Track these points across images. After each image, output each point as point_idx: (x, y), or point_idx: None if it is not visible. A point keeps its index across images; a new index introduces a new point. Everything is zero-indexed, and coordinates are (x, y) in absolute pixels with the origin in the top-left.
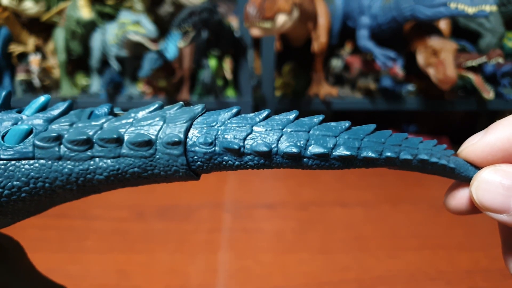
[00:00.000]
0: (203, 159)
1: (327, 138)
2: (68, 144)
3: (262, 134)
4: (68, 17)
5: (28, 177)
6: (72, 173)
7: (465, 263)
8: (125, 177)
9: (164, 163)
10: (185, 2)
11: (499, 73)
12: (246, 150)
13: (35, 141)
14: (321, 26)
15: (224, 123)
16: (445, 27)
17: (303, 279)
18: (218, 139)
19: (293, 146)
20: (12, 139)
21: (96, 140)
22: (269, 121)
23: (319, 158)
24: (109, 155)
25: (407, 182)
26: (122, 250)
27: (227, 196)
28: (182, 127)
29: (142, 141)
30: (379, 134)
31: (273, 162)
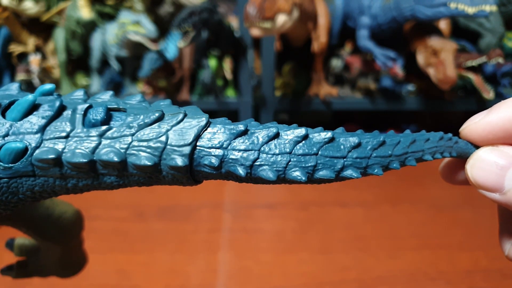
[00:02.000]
0: (207, 177)
1: (335, 160)
2: (69, 165)
3: (269, 159)
4: (68, 17)
5: (33, 191)
6: (77, 187)
7: (465, 263)
8: (132, 186)
9: (170, 180)
10: (185, 2)
11: (499, 73)
12: (252, 176)
13: (33, 161)
14: (321, 26)
15: (230, 143)
16: (445, 27)
17: (303, 279)
18: (224, 163)
19: (301, 174)
20: (7, 158)
21: (98, 160)
22: (277, 142)
23: (325, 181)
24: (113, 173)
25: (407, 182)
26: (122, 250)
27: (227, 196)
28: (187, 149)
29: (146, 165)
30: (387, 147)
31: (279, 183)
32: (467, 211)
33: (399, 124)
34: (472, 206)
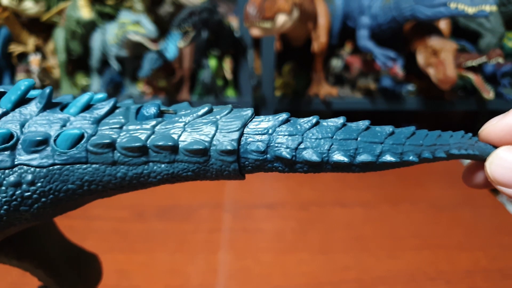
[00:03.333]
0: (254, 165)
1: (374, 145)
2: (122, 150)
3: (313, 143)
4: (68, 17)
5: (82, 180)
6: (126, 176)
7: (465, 263)
8: (178, 179)
9: (217, 168)
10: (185, 2)
11: (499, 73)
12: (297, 159)
13: (88, 146)
14: (321, 26)
15: (275, 130)
16: (445, 27)
17: (303, 279)
18: (270, 147)
19: (344, 156)
20: (64, 144)
21: (151, 146)
22: (319, 129)
23: (366, 166)
24: (164, 160)
25: (407, 182)
26: (122, 250)
27: (227, 196)
28: (235, 135)
29: (197, 149)
30: (417, 137)
31: (322, 170)
32: (467, 211)
33: (399, 124)
34: (472, 206)
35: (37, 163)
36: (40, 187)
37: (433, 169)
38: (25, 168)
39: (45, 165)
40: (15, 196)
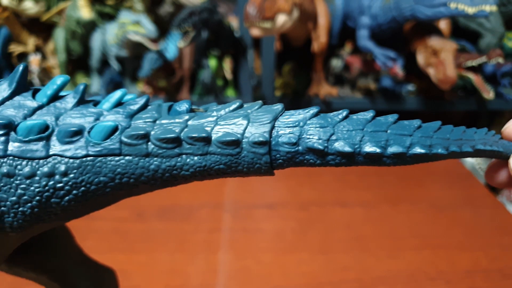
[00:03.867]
0: (285, 158)
1: (404, 137)
2: (157, 141)
3: (344, 135)
4: (68, 17)
5: (115, 173)
6: (159, 169)
7: (465, 263)
8: (210, 173)
9: (249, 160)
10: (185, 2)
11: (499, 73)
12: (329, 151)
13: (122, 138)
14: (321, 26)
15: (306, 123)
16: (445, 27)
17: (303, 279)
18: (301, 139)
19: (376, 147)
20: (98, 135)
21: (185, 138)
22: (349, 121)
23: (397, 157)
24: (197, 153)
25: (407, 182)
26: (122, 250)
27: (227, 196)
28: (267, 127)
29: (230, 140)
30: (444, 131)
31: (354, 161)
32: (467, 211)
33: None
34: (472, 206)
35: (71, 154)
36: (73, 178)
37: (433, 169)
38: (58, 159)
39: (79, 156)
40: (47, 187)
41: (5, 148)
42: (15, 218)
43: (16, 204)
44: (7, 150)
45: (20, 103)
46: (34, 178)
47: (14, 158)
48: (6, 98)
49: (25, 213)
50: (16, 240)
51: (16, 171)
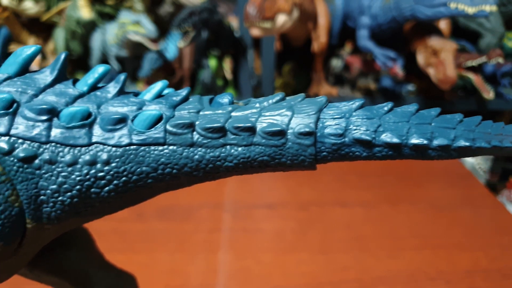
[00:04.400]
0: (330, 150)
1: (448, 130)
2: (202, 131)
3: (391, 126)
4: (68, 17)
5: (158, 163)
6: (203, 159)
7: (465, 263)
8: (253, 165)
9: (293, 152)
10: (185, 2)
11: (499, 73)
12: (377, 142)
13: (167, 127)
14: (321, 26)
15: (352, 114)
16: (445, 27)
17: (303, 279)
18: (348, 131)
19: (422, 138)
20: (142, 124)
21: (230, 128)
22: (394, 114)
23: (442, 150)
24: (241, 143)
25: (407, 182)
26: (121, 250)
27: (227, 196)
28: (312, 118)
29: (275, 131)
30: (485, 125)
31: (401, 153)
32: (467, 211)
33: None
34: (472, 206)
35: (114, 142)
36: (114, 168)
37: (433, 169)
38: (101, 147)
39: (122, 144)
40: (88, 176)
41: (48, 134)
42: (53, 208)
43: (56, 193)
44: (50, 136)
45: (61, 91)
46: (76, 166)
47: (56, 144)
48: (47, 85)
49: (64, 203)
50: (48, 235)
51: (58, 158)
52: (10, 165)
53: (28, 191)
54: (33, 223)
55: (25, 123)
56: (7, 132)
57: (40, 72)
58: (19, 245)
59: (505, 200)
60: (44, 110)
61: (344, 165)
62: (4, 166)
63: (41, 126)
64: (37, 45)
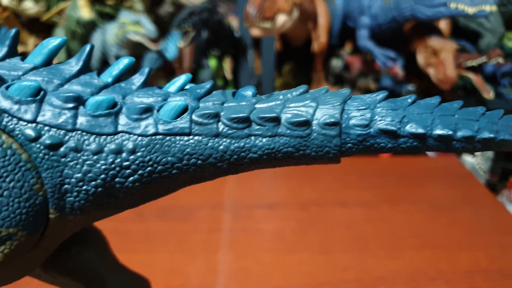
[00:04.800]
0: (355, 141)
1: (472, 122)
2: (228, 121)
3: (415, 117)
4: (68, 17)
5: (183, 153)
6: (228, 150)
7: (465, 263)
8: (277, 156)
9: (318, 143)
10: (185, 2)
11: (499, 73)
12: (402, 133)
13: (193, 117)
14: (321, 26)
15: (376, 106)
16: (445, 27)
17: (303, 279)
18: (373, 121)
19: (447, 129)
20: (168, 114)
21: (254, 119)
22: (417, 106)
23: (466, 141)
24: (266, 134)
25: (407, 182)
26: (121, 250)
27: (227, 196)
28: (337, 109)
29: (300, 121)
30: (507, 119)
31: (425, 144)
32: (467, 211)
33: None
34: (472, 206)
35: (140, 131)
36: (140, 157)
37: (433, 169)
38: (126, 136)
39: (148, 133)
40: (114, 165)
41: (74, 122)
42: (77, 198)
43: (80, 182)
44: (76, 124)
45: (86, 81)
46: (101, 154)
47: (82, 132)
48: (73, 75)
49: (88, 192)
50: (69, 229)
51: (83, 146)
52: (36, 152)
53: (53, 179)
54: (56, 213)
55: (52, 111)
56: (34, 119)
57: (66, 63)
58: (41, 237)
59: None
60: (71, 98)
61: (344, 165)
62: (30, 153)
63: (68, 114)
64: (62, 37)
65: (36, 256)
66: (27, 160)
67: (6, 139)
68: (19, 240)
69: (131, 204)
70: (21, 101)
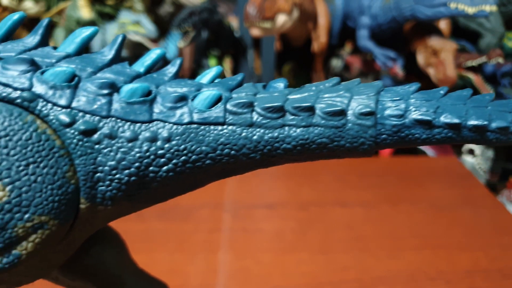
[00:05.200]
0: (390, 132)
1: (505, 113)
2: (262, 110)
3: (449, 108)
4: (68, 17)
5: (217, 142)
6: (261, 140)
7: (465, 263)
8: (310, 147)
9: (353, 134)
10: (185, 2)
11: (499, 73)
12: (436, 123)
13: (227, 106)
14: (321, 26)
15: (410, 97)
16: (445, 27)
17: (303, 279)
18: (408, 112)
19: (481, 119)
20: (202, 103)
21: (289, 108)
22: (450, 97)
23: (501, 132)
24: (300, 124)
25: (407, 182)
26: None
27: (227, 196)
28: (372, 100)
29: (335, 111)
30: None
31: (460, 135)
32: (467, 211)
33: None
34: (472, 206)
35: (175, 119)
36: (175, 146)
37: (433, 169)
38: (161, 124)
39: (183, 122)
40: (148, 153)
41: (108, 108)
42: (109, 187)
43: (114, 170)
44: (111, 110)
45: (119, 70)
46: (136, 142)
47: (116, 119)
48: (105, 64)
49: (121, 181)
50: (97, 222)
51: (118, 133)
52: (70, 137)
53: (86, 167)
54: (87, 203)
55: (86, 96)
56: (69, 104)
57: (98, 53)
58: (70, 228)
59: (505, 200)
60: (106, 84)
61: (344, 165)
62: (64, 139)
63: (102, 100)
64: (95, 27)
65: (60, 252)
66: (60, 146)
67: (41, 124)
68: (50, 229)
69: (161, 197)
70: (56, 86)
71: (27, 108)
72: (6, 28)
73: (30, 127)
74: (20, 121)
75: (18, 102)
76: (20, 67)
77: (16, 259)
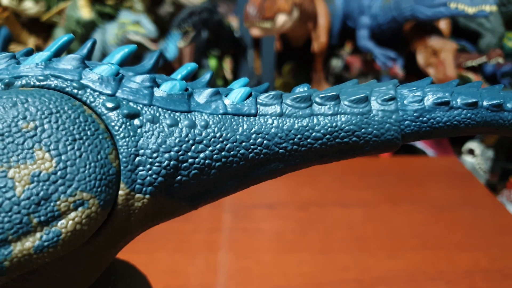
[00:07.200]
0: (412, 117)
1: None
2: (290, 101)
3: (464, 92)
4: (68, 17)
5: (251, 131)
6: (292, 129)
7: (465, 263)
8: (340, 135)
9: (379, 119)
10: (185, 2)
11: (499, 73)
12: (454, 105)
13: (258, 99)
14: (321, 26)
15: (425, 87)
16: (445, 27)
17: (303, 279)
18: (426, 97)
19: (497, 99)
20: (235, 97)
21: (315, 99)
22: (462, 86)
23: None
24: (328, 113)
25: (407, 182)
26: (122, 250)
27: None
28: (391, 88)
29: (359, 98)
30: None
31: (479, 114)
32: (467, 211)
33: None
34: (472, 206)
35: (211, 110)
36: (212, 132)
37: (433, 169)
38: (199, 114)
39: (219, 113)
40: (187, 138)
41: (150, 98)
42: (150, 171)
43: (155, 153)
44: (152, 100)
45: (157, 76)
46: (176, 127)
47: (158, 108)
48: (144, 72)
49: (161, 164)
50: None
51: (159, 119)
52: (114, 120)
53: (128, 148)
54: (126, 189)
55: (130, 88)
56: (114, 93)
57: (137, 66)
58: (105, 223)
59: (505, 200)
60: (148, 78)
61: (344, 165)
62: (108, 123)
63: (144, 91)
64: (133, 45)
65: (85, 265)
66: (104, 130)
67: (87, 109)
68: (90, 209)
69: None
70: (103, 78)
71: (75, 96)
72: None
73: (78, 108)
74: (70, 102)
75: (68, 91)
76: (72, 62)
77: (56, 237)
